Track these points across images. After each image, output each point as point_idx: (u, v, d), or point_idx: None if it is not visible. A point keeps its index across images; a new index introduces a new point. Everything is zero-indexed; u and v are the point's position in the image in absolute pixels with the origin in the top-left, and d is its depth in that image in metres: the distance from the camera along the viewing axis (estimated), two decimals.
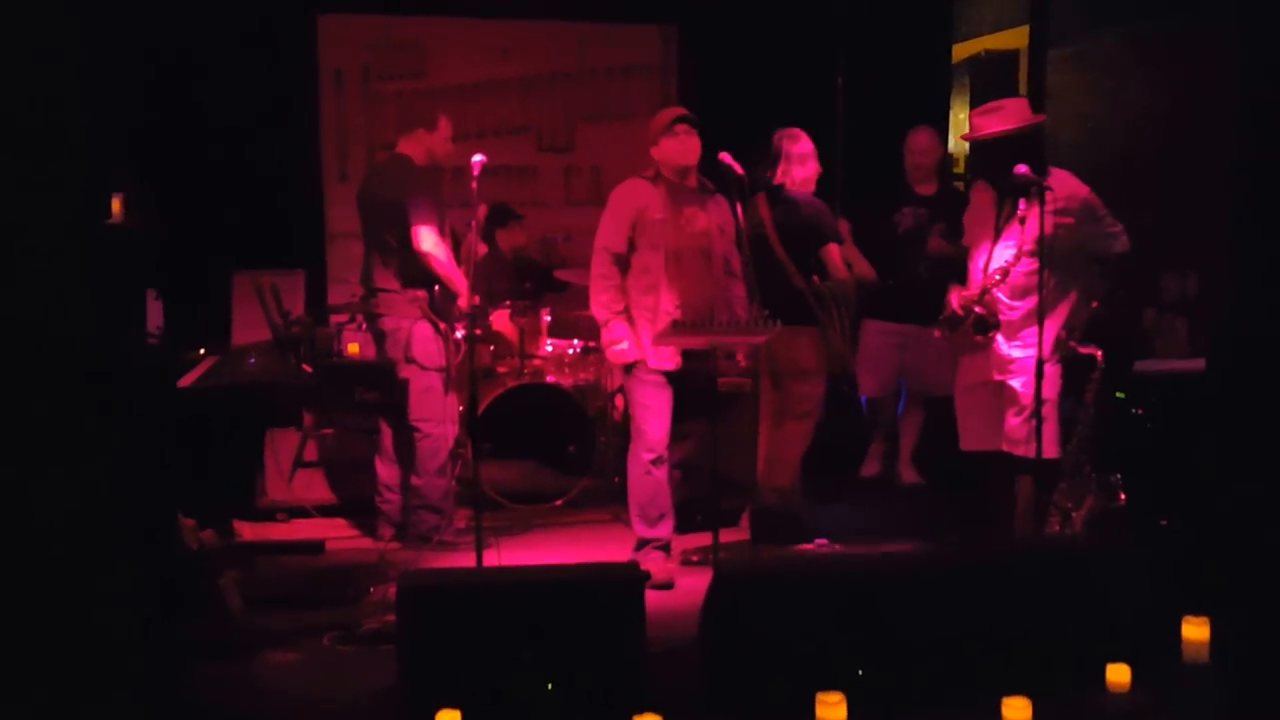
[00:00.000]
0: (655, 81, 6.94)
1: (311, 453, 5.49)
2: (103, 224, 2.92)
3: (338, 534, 5.29)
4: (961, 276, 4.74)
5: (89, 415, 2.81)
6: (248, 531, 5.26)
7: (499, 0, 6.56)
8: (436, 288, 4.96)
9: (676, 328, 4.31)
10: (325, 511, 5.45)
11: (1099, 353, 4.39)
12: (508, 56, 6.77)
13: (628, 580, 3.40)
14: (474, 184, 4.22)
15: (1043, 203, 4.16)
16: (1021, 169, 4.22)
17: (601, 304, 4.66)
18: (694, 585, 4.21)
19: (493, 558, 4.27)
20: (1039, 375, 4.22)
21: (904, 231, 5.67)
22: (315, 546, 5.12)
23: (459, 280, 4.93)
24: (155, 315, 5.28)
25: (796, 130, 5.06)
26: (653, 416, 4.65)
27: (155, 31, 5.64)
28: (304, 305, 5.75)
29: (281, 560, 4.92)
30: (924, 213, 5.67)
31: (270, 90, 6.23)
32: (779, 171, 5.00)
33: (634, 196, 4.65)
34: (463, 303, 4.89)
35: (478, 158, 4.26)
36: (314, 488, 5.51)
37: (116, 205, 3.16)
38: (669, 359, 4.61)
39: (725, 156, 4.50)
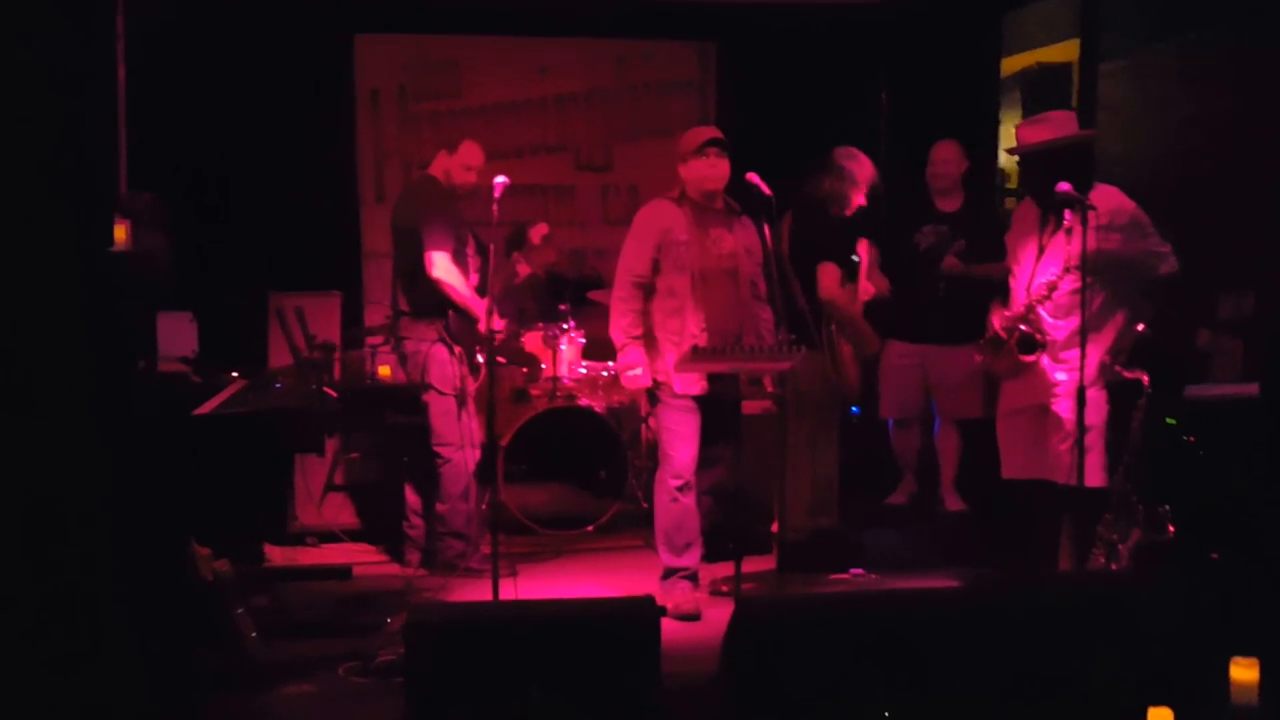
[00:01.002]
0: (693, 99, 6.86)
1: (342, 477, 5.45)
2: (104, 252, 2.88)
3: (367, 559, 5.26)
4: (990, 295, 4.58)
5: (89, 444, 2.78)
6: (278, 556, 5.24)
7: (535, 18, 6.51)
8: (451, 311, 4.90)
9: (697, 354, 4.21)
10: (355, 536, 5.41)
11: (1145, 377, 4.21)
12: (544, 75, 6.73)
13: (643, 616, 3.29)
14: (495, 206, 4.16)
15: (1085, 221, 4.01)
16: (1064, 186, 4.07)
17: (620, 328, 4.58)
18: (721, 616, 4.05)
19: (509, 588, 4.18)
20: (1080, 401, 4.06)
21: (925, 249, 5.51)
22: (343, 572, 5.08)
23: (474, 305, 4.89)
24: (190, 339, 5.30)
25: (855, 150, 4.96)
26: (679, 441, 4.56)
27: (191, 52, 5.70)
28: (339, 327, 5.73)
29: (308, 586, 4.90)
30: (945, 230, 5.51)
31: (307, 111, 6.24)
32: (820, 185, 4.89)
33: (658, 218, 4.58)
34: (481, 327, 4.83)
35: (500, 179, 4.21)
36: (345, 512, 5.47)
37: (121, 233, 3.13)
38: (694, 383, 4.51)
39: (753, 177, 4.38)
